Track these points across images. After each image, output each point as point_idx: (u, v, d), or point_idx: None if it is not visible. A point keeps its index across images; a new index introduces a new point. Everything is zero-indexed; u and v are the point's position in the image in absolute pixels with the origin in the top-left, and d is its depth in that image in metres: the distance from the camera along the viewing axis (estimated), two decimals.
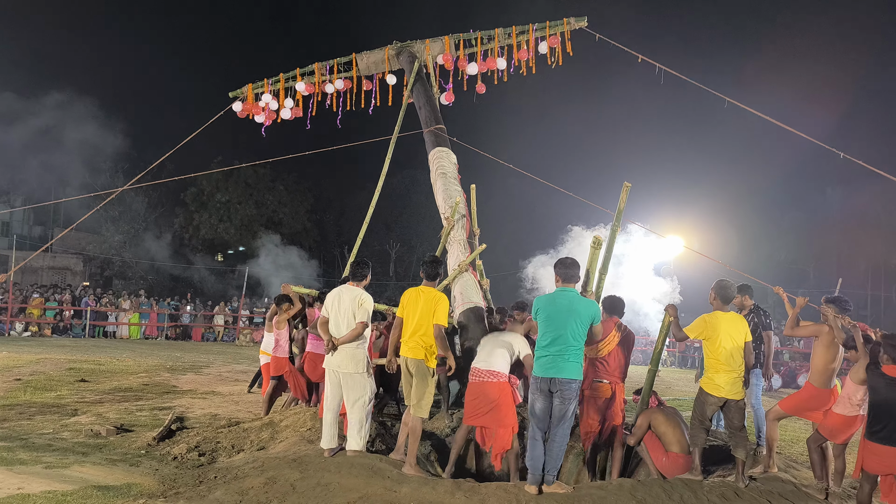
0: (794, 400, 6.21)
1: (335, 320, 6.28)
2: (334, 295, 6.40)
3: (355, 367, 6.17)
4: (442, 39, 11.88)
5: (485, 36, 11.82)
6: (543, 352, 5.49)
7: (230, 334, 25.40)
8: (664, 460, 6.00)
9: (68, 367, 13.54)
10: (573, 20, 11.50)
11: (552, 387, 5.39)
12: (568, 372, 5.39)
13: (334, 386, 6.27)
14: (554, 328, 5.47)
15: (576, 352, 5.45)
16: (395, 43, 12.09)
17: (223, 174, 36.55)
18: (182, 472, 6.24)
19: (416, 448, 6.01)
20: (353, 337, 6.15)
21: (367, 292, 6.46)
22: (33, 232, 40.36)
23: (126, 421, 8.36)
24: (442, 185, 10.08)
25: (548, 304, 5.62)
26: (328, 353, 6.25)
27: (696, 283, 19.64)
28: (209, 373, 14.29)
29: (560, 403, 5.38)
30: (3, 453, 6.54)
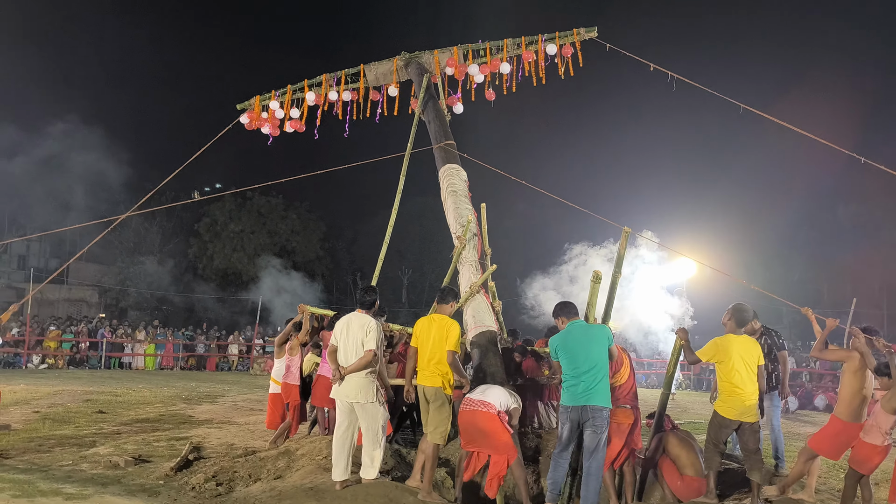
0: (824, 439, 6.01)
1: (344, 349, 6.21)
2: (343, 323, 6.35)
3: (366, 397, 6.07)
4: (450, 50, 11.82)
5: (493, 46, 11.75)
6: (573, 381, 5.60)
7: (244, 363, 25.48)
8: (679, 483, 5.99)
9: (85, 398, 13.64)
10: (583, 30, 11.34)
11: (583, 415, 5.45)
12: (599, 399, 5.50)
13: (344, 415, 6.20)
14: (578, 358, 5.61)
15: (603, 377, 5.56)
16: (403, 54, 12.07)
17: (236, 205, 36.93)
18: (200, 501, 6.29)
19: (433, 474, 6.04)
20: (361, 365, 6.06)
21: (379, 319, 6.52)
22: (49, 265, 40.79)
23: (144, 452, 8.42)
24: (452, 204, 9.95)
25: (564, 338, 5.81)
26: (335, 382, 6.17)
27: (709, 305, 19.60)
28: (225, 402, 14.35)
29: (592, 433, 5.45)
30: (24, 485, 6.61)
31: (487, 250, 9.55)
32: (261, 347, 26.21)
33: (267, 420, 9.25)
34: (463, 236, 9.27)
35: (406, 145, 11.04)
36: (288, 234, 38.87)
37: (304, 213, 40.14)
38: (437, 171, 10.93)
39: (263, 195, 37.48)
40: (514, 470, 6.02)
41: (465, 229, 9.29)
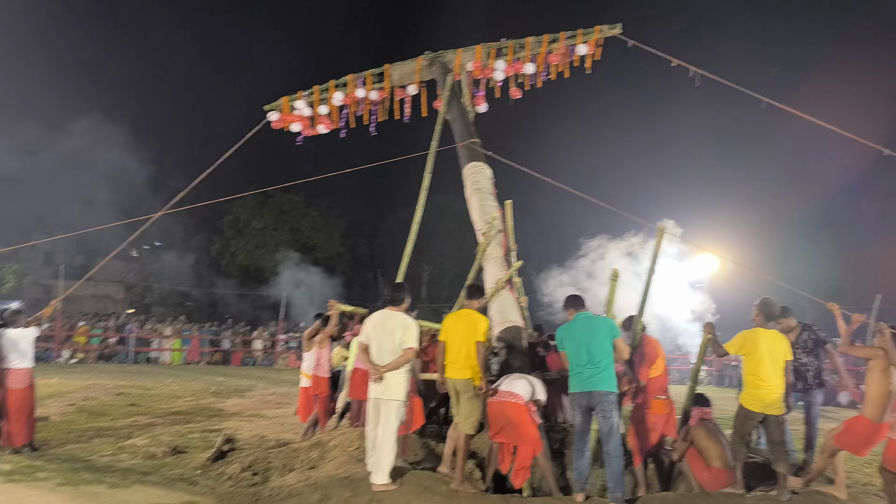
0: (850, 437, 6.07)
1: (377, 346, 6.21)
2: (375, 320, 6.34)
3: (396, 395, 6.11)
4: (473, 49, 11.91)
5: (516, 45, 11.84)
6: (577, 369, 5.83)
7: (269, 358, 25.82)
8: (706, 475, 6.10)
9: (117, 392, 13.97)
10: (606, 27, 11.39)
11: (591, 401, 5.65)
12: (603, 384, 5.69)
13: (377, 413, 6.25)
14: (581, 347, 5.82)
15: (607, 365, 5.74)
16: (426, 53, 12.23)
17: (258, 202, 37.30)
18: (237, 490, 6.52)
19: (464, 463, 6.20)
20: (401, 363, 6.09)
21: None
22: (75, 261, 41.45)
23: (179, 443, 8.67)
24: (477, 201, 10.06)
25: (568, 329, 6.05)
26: (373, 381, 6.16)
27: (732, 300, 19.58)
28: (253, 396, 14.62)
29: (603, 419, 5.62)
30: (69, 474, 6.89)
31: (513, 247, 9.63)
32: (284, 343, 26.53)
33: (300, 412, 9.43)
34: (488, 233, 9.39)
35: (428, 144, 11.16)
36: (309, 231, 39.20)
37: (325, 210, 40.45)
38: (459, 169, 11.04)
39: (285, 193, 37.80)
40: (540, 461, 6.17)
41: (490, 226, 9.41)
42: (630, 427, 6.68)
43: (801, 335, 7.26)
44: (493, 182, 10.58)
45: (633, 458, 6.52)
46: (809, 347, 7.22)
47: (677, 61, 10.77)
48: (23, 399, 7.95)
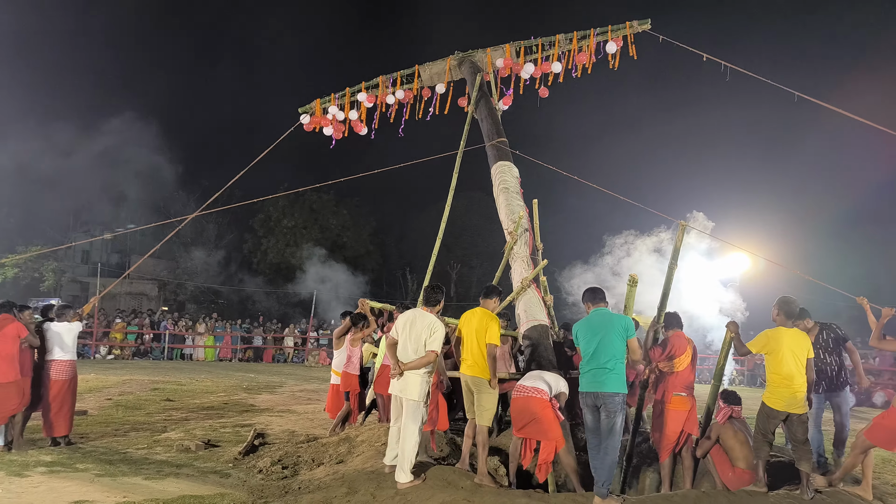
0: (881, 430, 6.00)
1: (404, 344, 6.32)
2: (406, 318, 6.44)
3: (418, 396, 6.18)
4: (503, 48, 11.97)
5: (546, 42, 11.89)
6: (586, 367, 5.85)
7: (299, 355, 26.16)
8: (730, 475, 6.09)
9: (152, 387, 14.31)
10: (636, 23, 11.38)
11: (597, 401, 5.67)
12: (610, 386, 5.68)
13: (397, 409, 6.36)
14: (593, 344, 5.82)
15: (617, 364, 5.72)
16: (456, 53, 12.31)
17: (289, 201, 37.71)
18: (268, 483, 6.68)
19: (486, 458, 6.29)
20: (422, 364, 6.17)
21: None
22: (111, 259, 42.38)
23: (212, 437, 8.89)
24: (504, 200, 10.12)
25: (584, 324, 6.02)
26: (395, 377, 6.29)
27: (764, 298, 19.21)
28: (283, 392, 14.87)
29: (606, 417, 5.66)
30: (106, 466, 7.12)
31: (539, 245, 9.67)
32: (315, 340, 26.85)
33: (329, 409, 9.59)
34: (514, 232, 9.45)
35: (456, 143, 11.26)
36: (339, 230, 39.54)
37: (354, 209, 40.78)
38: (487, 168, 11.10)
39: (315, 192, 38.17)
40: (563, 457, 6.23)
41: (517, 225, 9.47)
42: (653, 423, 6.71)
43: (820, 335, 7.20)
44: (519, 181, 10.63)
45: (660, 454, 6.54)
46: (830, 346, 7.17)
47: (708, 56, 10.72)
48: (65, 390, 8.22)
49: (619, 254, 11.53)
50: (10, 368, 7.73)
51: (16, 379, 7.77)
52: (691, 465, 6.47)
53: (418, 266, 39.13)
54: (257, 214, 38.50)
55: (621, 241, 11.52)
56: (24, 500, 5.81)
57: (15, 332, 7.75)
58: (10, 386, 7.73)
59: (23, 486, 6.26)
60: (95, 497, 5.97)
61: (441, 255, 10.89)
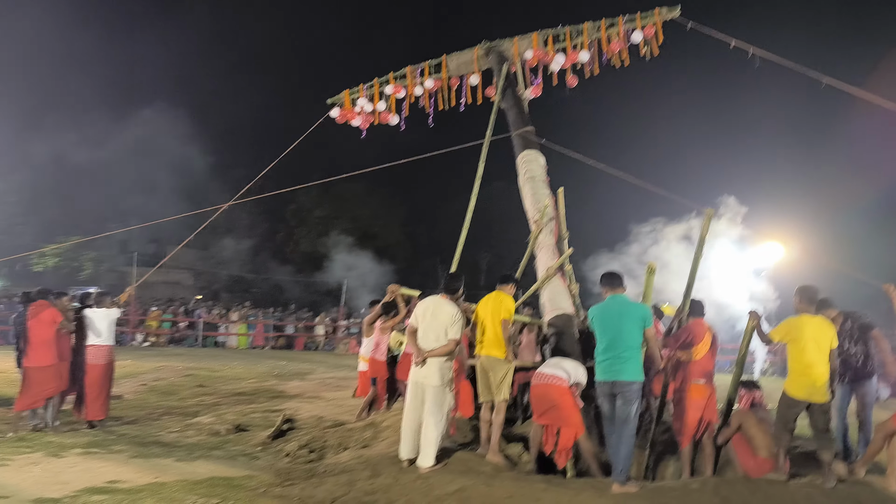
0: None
1: (424, 332, 6.34)
2: (426, 306, 6.48)
3: (441, 381, 6.23)
4: (530, 37, 11.83)
5: (573, 31, 11.74)
6: (602, 356, 5.83)
7: (330, 343, 26.46)
8: (751, 463, 6.06)
9: (186, 373, 14.65)
10: (665, 10, 11.20)
11: (614, 389, 5.67)
12: (627, 374, 5.67)
13: (416, 397, 6.31)
14: (609, 332, 5.81)
15: (633, 353, 5.71)
16: (483, 42, 12.26)
17: (320, 191, 38.03)
18: (295, 466, 6.85)
19: (499, 435, 6.42)
20: (443, 353, 6.22)
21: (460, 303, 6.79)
22: (147, 249, 43.19)
23: (242, 421, 9.09)
24: (530, 189, 10.11)
25: (600, 311, 6.01)
26: (416, 364, 6.33)
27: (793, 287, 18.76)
28: (313, 379, 15.11)
29: (622, 405, 5.66)
30: (139, 448, 7.35)
31: (564, 234, 9.62)
32: (345, 328, 27.13)
33: (359, 395, 9.69)
34: (540, 220, 9.44)
35: (484, 132, 11.24)
36: (370, 219, 39.82)
37: (385, 199, 41.00)
38: (514, 150, 11.09)
39: (346, 181, 38.40)
40: (582, 444, 6.26)
41: (542, 214, 9.46)
42: (673, 410, 6.70)
43: (844, 324, 7.00)
44: (546, 170, 10.59)
45: (680, 442, 6.54)
46: (856, 335, 7.01)
47: (736, 42, 10.55)
48: (102, 375, 8.48)
49: (646, 242, 11.44)
50: (47, 352, 8.01)
51: (53, 363, 8.05)
52: (712, 453, 6.45)
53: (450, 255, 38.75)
54: (289, 205, 38.92)
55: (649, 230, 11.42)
56: (61, 479, 6.03)
57: (51, 318, 8.03)
58: (47, 370, 8.01)
59: (60, 466, 6.50)
60: (129, 477, 6.17)
61: (471, 244, 10.93)
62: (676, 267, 10.61)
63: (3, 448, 7.13)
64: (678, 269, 10.71)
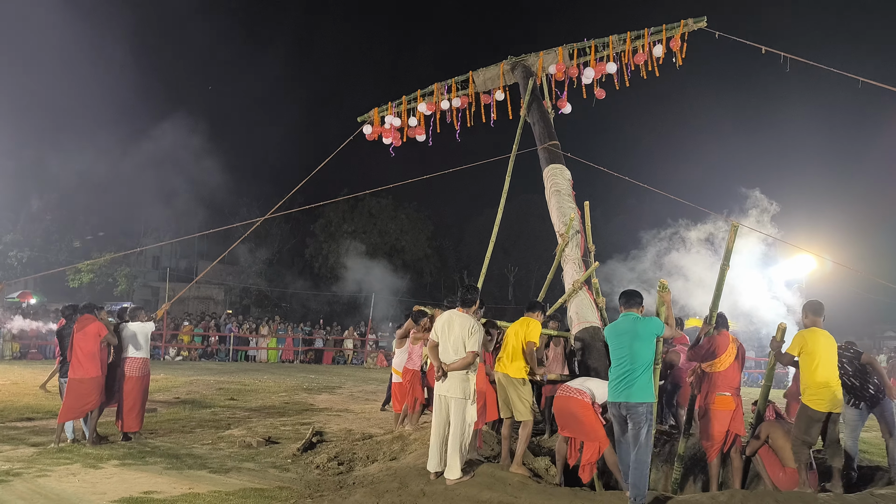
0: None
1: (444, 346, 6.39)
2: (444, 319, 6.53)
3: (463, 394, 6.27)
4: (555, 51, 11.97)
5: (599, 44, 11.82)
6: (613, 375, 5.81)
7: (358, 357, 26.63)
8: (781, 475, 6.04)
9: (218, 387, 14.87)
10: (691, 21, 11.23)
11: (622, 410, 5.65)
12: (636, 395, 5.59)
13: (441, 411, 6.36)
14: (620, 351, 5.79)
15: (643, 373, 5.63)
16: (509, 58, 12.37)
17: (349, 206, 38.40)
18: (324, 478, 6.93)
19: (524, 448, 6.49)
20: (463, 365, 6.25)
21: (485, 316, 6.90)
22: (180, 265, 43.99)
23: (272, 434, 9.23)
24: (556, 203, 10.16)
25: (612, 330, 6.02)
26: (439, 379, 6.39)
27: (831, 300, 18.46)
28: (342, 392, 15.23)
29: (633, 427, 5.59)
30: (173, 460, 7.51)
31: (591, 247, 9.66)
32: (374, 342, 27.27)
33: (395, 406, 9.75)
34: (566, 234, 9.49)
35: (511, 147, 11.34)
36: (397, 234, 40.04)
37: (412, 213, 41.23)
38: (539, 164, 11.15)
39: (374, 197, 38.77)
40: (607, 457, 6.24)
41: (568, 227, 9.51)
42: (699, 423, 6.68)
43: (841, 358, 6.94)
44: (571, 183, 10.65)
45: (708, 454, 6.51)
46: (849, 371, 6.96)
47: (767, 48, 10.50)
48: (138, 387, 8.69)
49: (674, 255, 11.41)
50: (92, 365, 8.25)
51: (97, 375, 8.28)
52: (740, 466, 6.42)
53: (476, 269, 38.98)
54: (318, 220, 39.32)
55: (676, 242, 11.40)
56: (98, 490, 6.20)
57: (96, 331, 8.27)
58: (91, 381, 8.24)
59: (97, 477, 6.68)
60: (163, 488, 6.32)
61: (499, 258, 11.05)
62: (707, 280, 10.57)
63: (44, 458, 7.35)
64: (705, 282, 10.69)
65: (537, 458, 7.08)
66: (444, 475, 6.13)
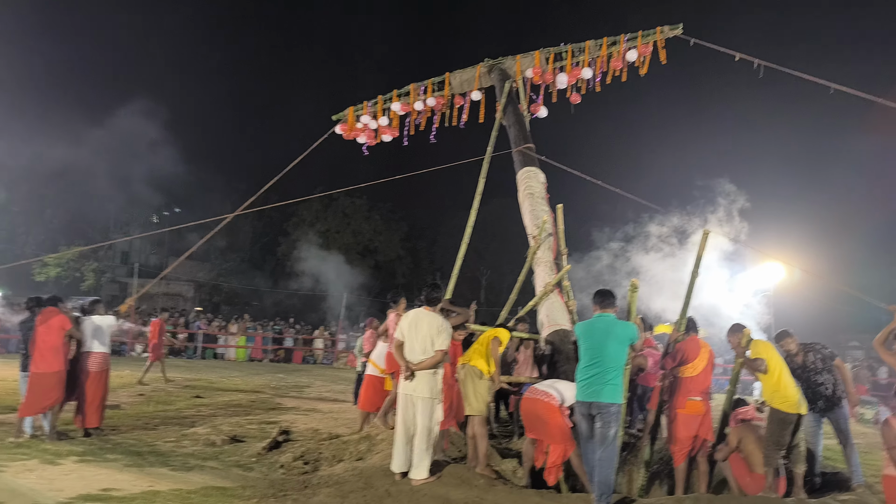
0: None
1: (411, 345, 6.28)
2: (411, 318, 6.43)
3: (430, 393, 6.20)
4: (532, 54, 11.98)
5: (575, 48, 11.81)
6: (583, 374, 5.75)
7: (328, 357, 26.44)
8: (748, 480, 6.08)
9: (184, 384, 14.65)
10: (667, 28, 11.27)
11: (592, 410, 5.61)
12: (606, 395, 5.57)
13: (407, 410, 6.24)
14: (592, 351, 5.74)
15: (615, 374, 5.62)
16: (486, 60, 12.38)
17: (323, 205, 38.17)
18: (289, 477, 6.85)
19: (485, 447, 6.47)
20: (431, 364, 6.15)
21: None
22: (150, 260, 43.33)
23: (238, 433, 9.09)
24: (529, 205, 10.18)
25: (586, 328, 5.96)
26: (405, 378, 6.23)
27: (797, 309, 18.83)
28: (310, 392, 15.10)
29: (602, 427, 5.55)
30: (135, 457, 7.36)
31: (563, 250, 9.68)
32: (344, 342, 27.11)
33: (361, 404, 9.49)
34: (538, 236, 9.51)
35: (486, 149, 11.33)
36: (371, 234, 39.91)
37: (386, 214, 41.13)
38: (514, 166, 11.16)
39: (348, 196, 38.60)
40: (573, 461, 6.23)
41: (541, 230, 9.52)
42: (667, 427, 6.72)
43: (807, 357, 7.04)
44: (545, 186, 10.66)
45: (675, 458, 6.54)
46: (820, 367, 7.02)
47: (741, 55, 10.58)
48: (98, 382, 8.50)
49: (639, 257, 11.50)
50: (55, 359, 8.06)
51: (59, 369, 8.09)
52: (707, 471, 6.46)
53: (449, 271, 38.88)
54: (291, 218, 39.03)
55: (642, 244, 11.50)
56: (55, 486, 6.05)
57: (60, 324, 8.08)
58: (53, 376, 8.04)
59: (55, 474, 6.52)
60: (123, 486, 6.18)
61: (472, 260, 11.01)
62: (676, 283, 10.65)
63: (1, 454, 7.15)
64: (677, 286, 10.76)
65: (504, 460, 7.07)
66: (409, 475, 6.06)
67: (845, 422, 7.07)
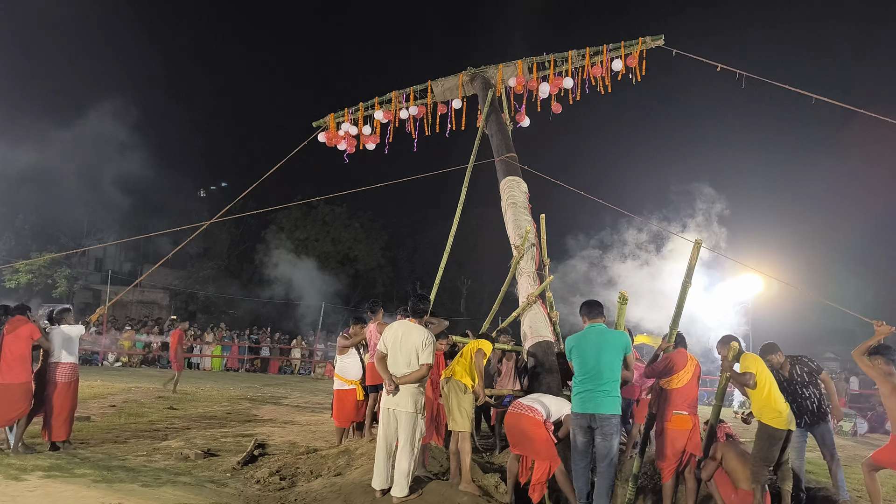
0: (885, 453, 6.15)
1: (394, 358, 6.09)
2: (395, 330, 6.20)
3: (414, 408, 5.99)
4: (515, 64, 11.99)
5: (558, 58, 11.85)
6: (580, 387, 5.66)
7: (306, 367, 26.12)
8: (733, 496, 5.98)
9: (157, 395, 14.31)
10: (649, 39, 11.38)
11: (592, 423, 5.52)
12: (606, 407, 5.50)
13: (389, 425, 6.07)
14: (587, 363, 5.65)
15: (613, 385, 5.55)
16: (468, 69, 12.35)
17: (302, 213, 37.84)
18: (265, 494, 6.61)
19: (468, 463, 6.29)
20: (416, 378, 5.98)
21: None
22: (124, 268, 42.61)
23: (212, 446, 8.83)
24: (512, 215, 10.09)
25: (578, 340, 5.86)
26: (389, 392, 6.03)
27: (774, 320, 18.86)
28: (287, 403, 14.82)
29: (602, 440, 5.48)
30: (104, 472, 7.08)
31: (546, 261, 9.61)
32: (322, 352, 26.80)
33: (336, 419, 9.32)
34: (521, 247, 9.40)
35: (468, 158, 11.24)
36: (351, 243, 39.61)
37: (367, 222, 40.87)
38: (497, 175, 11.07)
39: (328, 204, 38.33)
40: (558, 477, 6.08)
41: (524, 240, 9.42)
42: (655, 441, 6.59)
43: (793, 369, 7.03)
44: (528, 196, 10.58)
45: (662, 474, 6.42)
46: (806, 380, 7.00)
47: (722, 66, 10.62)
48: (66, 393, 8.20)
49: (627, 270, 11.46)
50: (22, 369, 7.79)
51: (27, 380, 7.82)
52: (694, 487, 6.34)
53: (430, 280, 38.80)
54: (269, 226, 38.66)
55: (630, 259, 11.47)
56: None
57: (28, 334, 7.81)
58: (20, 387, 7.76)
59: (18, 490, 6.22)
60: (90, 502, 5.92)
61: (452, 270, 10.92)
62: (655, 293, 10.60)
63: None
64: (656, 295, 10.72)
65: (487, 475, 6.88)
66: (390, 493, 5.87)
67: (830, 437, 7.03)
